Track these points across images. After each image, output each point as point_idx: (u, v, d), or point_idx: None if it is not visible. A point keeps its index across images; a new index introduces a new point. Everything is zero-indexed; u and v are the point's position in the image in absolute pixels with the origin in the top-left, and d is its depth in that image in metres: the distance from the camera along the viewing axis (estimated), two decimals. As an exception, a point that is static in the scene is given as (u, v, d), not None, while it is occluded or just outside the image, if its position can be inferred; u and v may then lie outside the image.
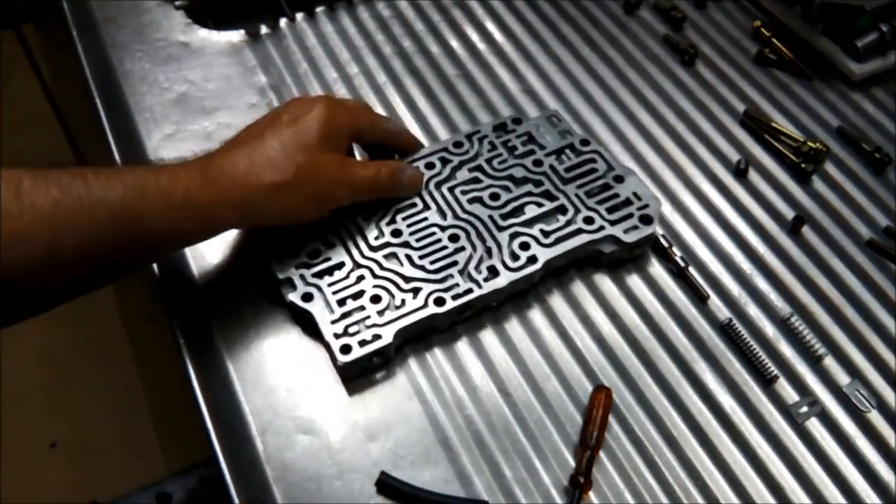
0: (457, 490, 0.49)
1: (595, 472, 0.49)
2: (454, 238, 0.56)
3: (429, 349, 0.54)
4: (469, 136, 0.62)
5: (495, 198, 0.58)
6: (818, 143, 0.65)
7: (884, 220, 0.62)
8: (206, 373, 0.53)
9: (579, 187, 0.59)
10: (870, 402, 0.53)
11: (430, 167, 0.60)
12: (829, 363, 0.55)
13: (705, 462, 0.50)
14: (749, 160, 0.65)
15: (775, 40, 0.74)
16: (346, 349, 0.51)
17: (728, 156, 0.66)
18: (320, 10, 0.76)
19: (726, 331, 0.56)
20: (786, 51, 0.73)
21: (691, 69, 0.73)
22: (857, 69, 0.70)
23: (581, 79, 0.72)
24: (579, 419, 0.52)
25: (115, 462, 1.27)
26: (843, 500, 0.49)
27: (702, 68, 0.73)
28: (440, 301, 0.53)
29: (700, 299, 0.57)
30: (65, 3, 0.76)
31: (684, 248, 0.60)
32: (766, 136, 0.67)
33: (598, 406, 0.51)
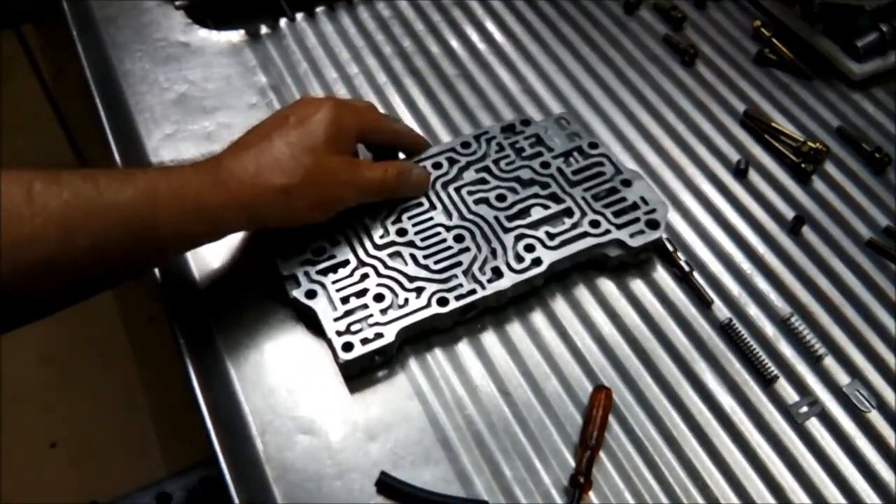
0: (457, 490, 0.49)
1: (595, 472, 0.49)
2: (459, 238, 0.56)
3: (429, 349, 0.54)
4: (477, 137, 0.62)
5: (502, 199, 0.58)
6: (818, 143, 0.65)
7: (884, 220, 0.62)
8: (207, 373, 0.53)
9: (586, 190, 0.59)
10: (870, 402, 0.53)
11: (438, 167, 0.60)
12: (829, 363, 0.55)
13: (705, 462, 0.50)
14: (749, 160, 0.66)
15: (775, 40, 0.74)
16: (348, 347, 0.51)
17: (728, 156, 0.66)
18: (320, 10, 0.76)
19: (726, 331, 0.56)
20: (786, 51, 0.73)
21: (691, 69, 0.73)
22: (857, 69, 0.70)
23: (581, 79, 0.72)
24: (579, 419, 0.52)
25: (115, 462, 1.27)
26: (843, 500, 0.49)
27: (702, 68, 0.73)
28: (443, 301, 0.53)
29: (704, 304, 0.57)
30: (65, 3, 0.76)
31: (684, 247, 0.60)
32: (766, 136, 0.67)
33: (598, 406, 0.51)
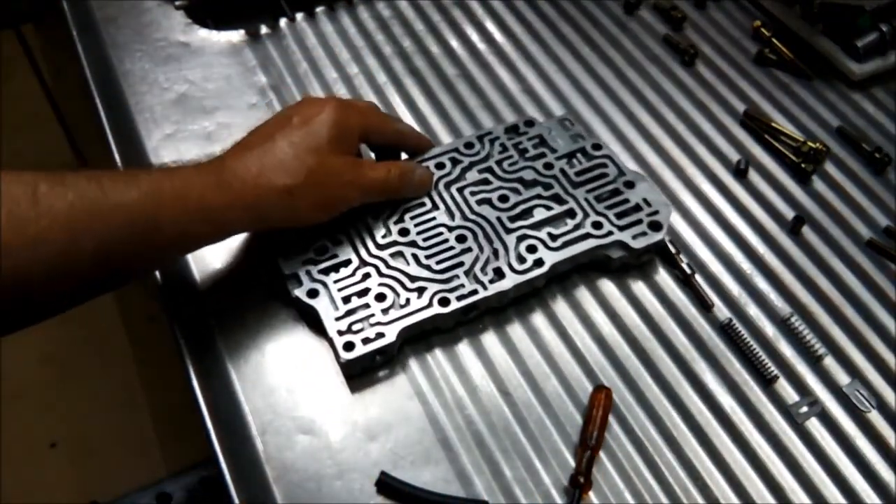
0: (457, 490, 0.49)
1: (595, 472, 0.49)
2: (461, 239, 0.56)
3: (429, 349, 0.54)
4: (480, 138, 0.62)
5: (504, 199, 0.58)
6: (818, 143, 0.65)
7: (884, 220, 0.62)
8: (207, 373, 0.53)
9: (589, 192, 0.59)
10: (870, 402, 0.53)
11: (441, 167, 0.60)
12: (829, 363, 0.55)
13: (705, 462, 0.50)
14: (749, 160, 0.65)
15: (775, 40, 0.74)
16: (350, 346, 0.51)
17: (728, 156, 0.66)
18: (320, 10, 0.76)
19: (726, 331, 0.56)
20: (786, 51, 0.73)
21: (691, 69, 0.73)
22: (857, 69, 0.70)
23: (581, 79, 0.72)
24: (579, 419, 0.52)
25: (115, 462, 1.27)
26: (843, 500, 0.49)
27: (702, 68, 0.73)
28: (445, 301, 0.53)
29: (704, 308, 0.57)
30: (65, 3, 0.76)
31: (684, 247, 0.60)
32: (766, 136, 0.67)
33: (598, 406, 0.51)
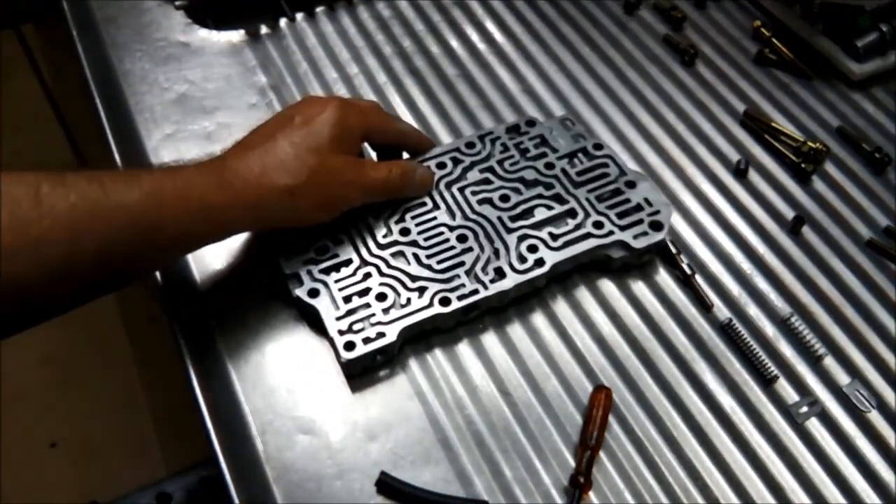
0: (457, 490, 0.49)
1: (595, 472, 0.49)
2: (462, 238, 0.56)
3: (430, 349, 0.54)
4: (481, 137, 0.62)
5: (505, 199, 0.58)
6: (818, 143, 0.65)
7: (884, 220, 0.62)
8: (207, 373, 0.53)
9: (590, 191, 0.59)
10: (870, 402, 0.53)
11: (442, 167, 0.60)
12: (829, 363, 0.55)
13: (705, 462, 0.50)
14: (749, 160, 0.65)
15: (775, 40, 0.74)
16: (350, 346, 0.51)
17: (728, 156, 0.66)
18: (320, 10, 0.76)
19: (726, 331, 0.56)
20: (786, 51, 0.73)
21: (691, 69, 0.73)
22: (857, 69, 0.70)
23: (581, 79, 0.72)
24: (579, 419, 0.52)
25: (115, 462, 1.27)
26: (843, 500, 0.49)
27: (702, 68, 0.73)
28: (445, 301, 0.53)
29: (704, 308, 0.57)
30: (65, 3, 0.76)
31: (684, 247, 0.60)
32: (766, 136, 0.67)
33: (598, 406, 0.51)
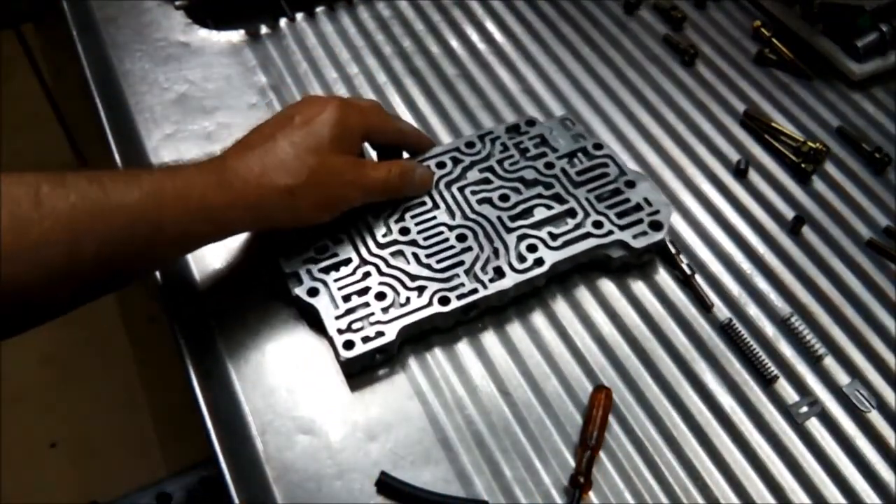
0: (457, 490, 0.49)
1: (595, 472, 0.49)
2: (462, 238, 0.56)
3: (429, 349, 0.54)
4: (481, 137, 0.62)
5: (505, 199, 0.58)
6: (818, 143, 0.65)
7: (884, 220, 0.62)
8: (207, 373, 0.53)
9: (590, 191, 0.59)
10: (870, 402, 0.53)
11: (442, 167, 0.60)
12: (829, 363, 0.55)
13: (705, 462, 0.50)
14: (749, 160, 0.65)
15: (775, 40, 0.74)
16: (349, 345, 0.51)
17: (728, 156, 0.66)
18: (320, 10, 0.76)
19: (726, 331, 0.56)
20: (786, 51, 0.73)
21: (691, 69, 0.73)
22: (857, 69, 0.70)
23: (581, 79, 0.72)
24: (579, 419, 0.52)
25: (115, 462, 1.27)
26: (843, 500, 0.49)
27: (702, 68, 0.73)
28: (445, 300, 0.53)
29: (704, 308, 0.57)
30: (65, 3, 0.76)
31: (684, 247, 0.60)
32: (766, 136, 0.67)
33: (598, 406, 0.51)
